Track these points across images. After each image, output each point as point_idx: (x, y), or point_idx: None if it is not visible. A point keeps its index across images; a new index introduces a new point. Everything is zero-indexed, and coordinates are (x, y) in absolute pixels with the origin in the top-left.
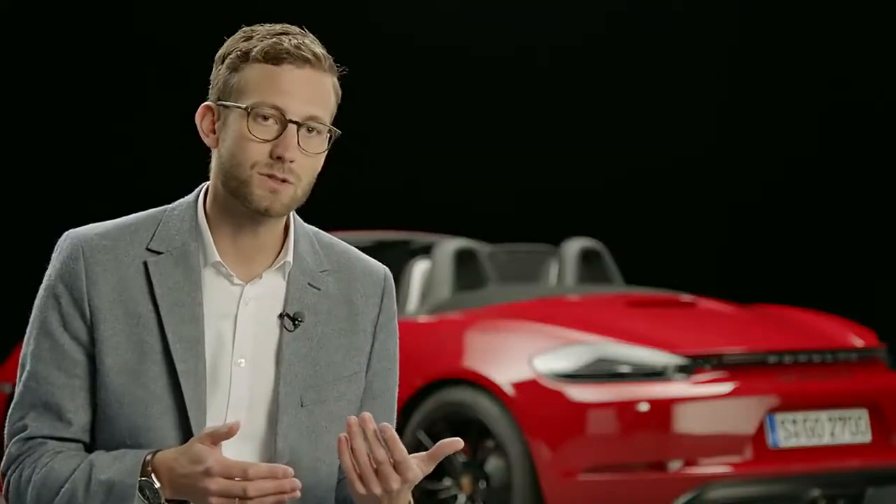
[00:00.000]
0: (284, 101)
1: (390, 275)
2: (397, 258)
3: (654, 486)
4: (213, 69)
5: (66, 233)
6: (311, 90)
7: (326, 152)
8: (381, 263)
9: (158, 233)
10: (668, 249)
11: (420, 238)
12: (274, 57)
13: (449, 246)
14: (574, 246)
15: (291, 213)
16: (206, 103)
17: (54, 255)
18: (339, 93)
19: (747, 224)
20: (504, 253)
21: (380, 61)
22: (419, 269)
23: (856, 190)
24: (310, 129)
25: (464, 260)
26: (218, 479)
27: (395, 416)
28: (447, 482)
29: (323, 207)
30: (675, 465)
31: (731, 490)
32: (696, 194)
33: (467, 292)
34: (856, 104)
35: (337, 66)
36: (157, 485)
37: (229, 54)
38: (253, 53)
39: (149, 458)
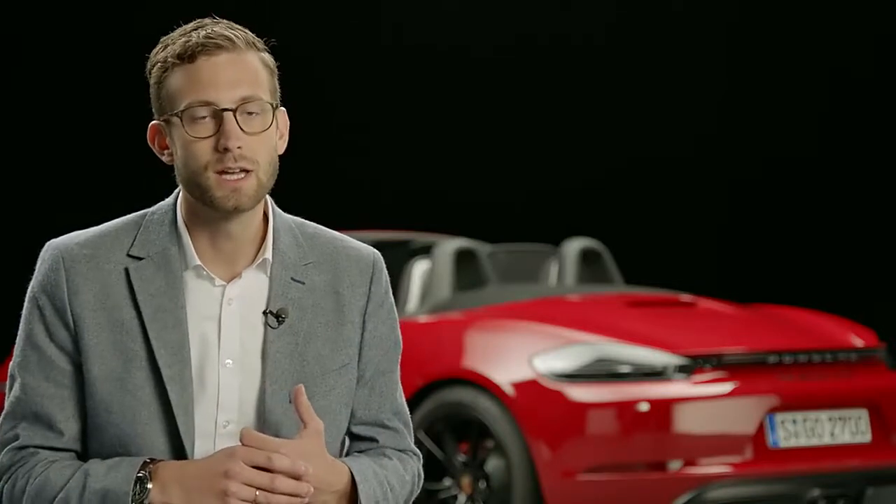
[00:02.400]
0: (211, 94)
1: (380, 259)
2: (397, 258)
3: (654, 486)
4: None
5: (48, 243)
6: (233, 73)
7: (281, 129)
8: (370, 247)
9: (139, 238)
10: (668, 249)
11: (420, 238)
12: (188, 55)
13: (449, 246)
14: (574, 246)
15: (271, 207)
16: (152, 122)
17: (37, 266)
18: (272, 66)
19: (747, 224)
20: (504, 253)
21: (377, 62)
22: (419, 269)
23: (856, 190)
24: (249, 112)
25: (464, 260)
26: (241, 464)
27: (396, 402)
28: (447, 482)
29: (325, 208)
30: (675, 466)
31: (731, 490)
32: (697, 194)
33: (467, 292)
34: (856, 106)
35: (262, 40)
36: (150, 486)
37: (153, 67)
38: (168, 59)
39: (149, 464)
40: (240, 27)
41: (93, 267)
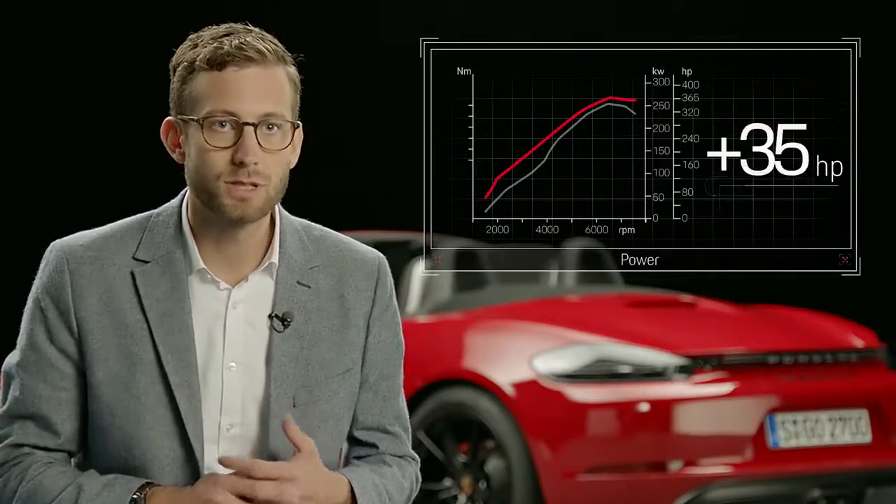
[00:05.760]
0: (235, 105)
1: (384, 263)
2: (397, 258)
3: (655, 486)
4: (171, 80)
5: (53, 244)
6: (260, 88)
7: (295, 144)
8: (375, 251)
9: (144, 241)
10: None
11: (420, 238)
12: (217, 62)
13: (450, 246)
14: (574, 246)
15: (278, 210)
16: (168, 118)
17: (41, 267)
18: (297, 81)
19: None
20: (504, 253)
21: (377, 62)
22: (419, 269)
23: (854, 188)
24: (269, 126)
25: (464, 260)
26: (225, 493)
27: (397, 406)
28: (447, 482)
29: (328, 207)
30: (675, 466)
31: (731, 490)
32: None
33: (467, 292)
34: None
35: (291, 54)
36: None
37: (178, 66)
38: (197, 62)
39: (146, 487)
40: (271, 38)
41: (97, 269)
